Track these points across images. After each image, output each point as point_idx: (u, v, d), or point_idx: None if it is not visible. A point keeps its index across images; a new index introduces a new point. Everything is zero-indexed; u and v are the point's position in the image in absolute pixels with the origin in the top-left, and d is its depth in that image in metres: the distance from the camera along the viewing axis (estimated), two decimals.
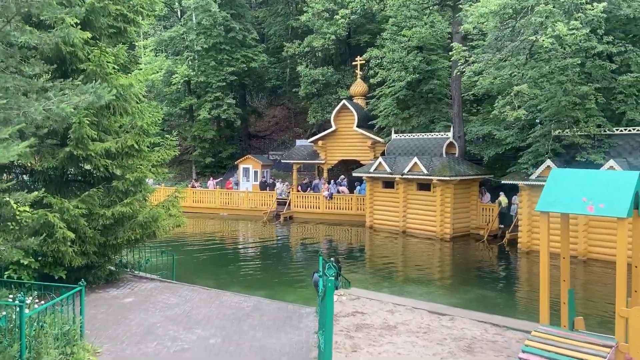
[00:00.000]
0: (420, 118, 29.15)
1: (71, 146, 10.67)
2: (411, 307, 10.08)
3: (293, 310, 10.14)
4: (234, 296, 11.24)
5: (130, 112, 12.42)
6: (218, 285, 16.18)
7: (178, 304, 10.56)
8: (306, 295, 15.25)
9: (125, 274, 12.86)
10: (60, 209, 10.38)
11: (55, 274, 11.00)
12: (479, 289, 16.37)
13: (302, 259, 20.89)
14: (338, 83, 35.64)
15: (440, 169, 24.13)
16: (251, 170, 35.88)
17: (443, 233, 24.30)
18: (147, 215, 11.50)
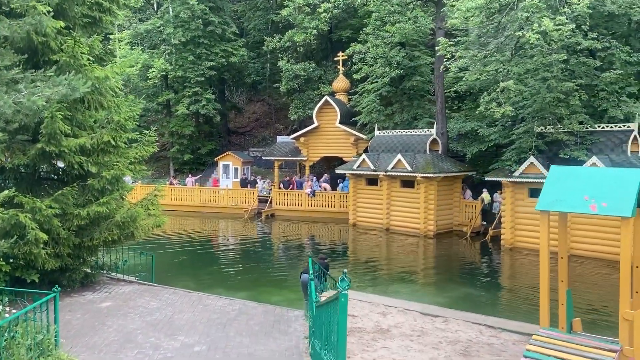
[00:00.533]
0: (403, 115, 28.90)
1: (43, 142, 10.05)
2: (403, 308, 9.75)
3: (280, 314, 9.72)
4: (219, 299, 10.76)
5: (106, 106, 11.82)
6: (200, 287, 15.67)
7: (159, 309, 10.05)
8: (290, 296, 14.84)
9: (102, 276, 12.26)
10: (32, 209, 9.77)
11: (27, 278, 10.38)
12: (464, 287, 16.16)
13: (285, 258, 20.47)
14: (320, 79, 35.20)
15: (424, 166, 23.91)
16: (231, 167, 35.25)
17: (427, 230, 24.11)
18: (125, 215, 10.94)
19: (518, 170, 20.45)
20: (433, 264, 19.54)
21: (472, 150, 24.80)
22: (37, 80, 7.47)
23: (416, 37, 28.26)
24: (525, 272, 18.14)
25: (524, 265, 18.98)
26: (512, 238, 21.30)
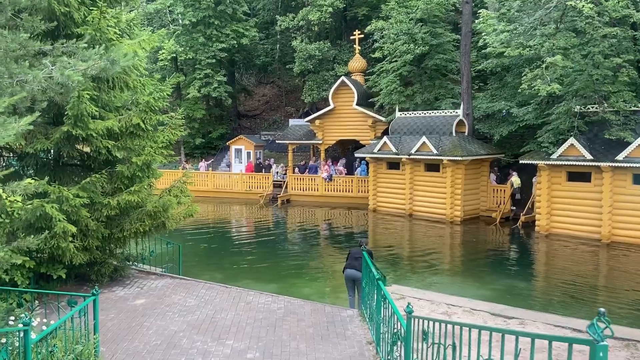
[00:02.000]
0: (425, 95, 27.81)
1: (69, 125, 9.08)
2: (469, 308, 8.85)
3: (332, 314, 8.82)
4: (260, 296, 9.86)
5: (132, 86, 10.81)
6: (227, 279, 14.83)
7: (198, 307, 9.17)
8: (323, 289, 14.02)
9: (130, 269, 11.37)
10: (58, 198, 8.84)
11: (53, 273, 9.50)
12: (506, 277, 15.27)
13: (308, 247, 19.58)
14: (335, 59, 34.02)
15: (451, 149, 22.91)
16: (244, 152, 34.28)
17: (453, 216, 23.19)
18: (157, 204, 10.01)
19: (556, 152, 19.43)
20: (466, 253, 18.63)
21: (500, 131, 23.72)
22: (69, 52, 6.49)
23: (438, 12, 27.04)
24: (568, 260, 17.23)
25: (565, 254, 18.06)
26: (547, 224, 20.36)
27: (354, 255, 10.11)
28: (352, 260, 10.11)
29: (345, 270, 10.14)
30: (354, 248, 10.34)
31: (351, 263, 10.10)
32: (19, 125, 4.95)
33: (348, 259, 10.19)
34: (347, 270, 10.11)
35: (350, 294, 10.34)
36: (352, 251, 10.19)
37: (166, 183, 13.31)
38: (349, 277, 10.15)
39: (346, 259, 10.33)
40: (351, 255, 10.17)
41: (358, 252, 10.35)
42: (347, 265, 10.16)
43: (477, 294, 13.41)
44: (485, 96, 26.67)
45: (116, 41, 9.66)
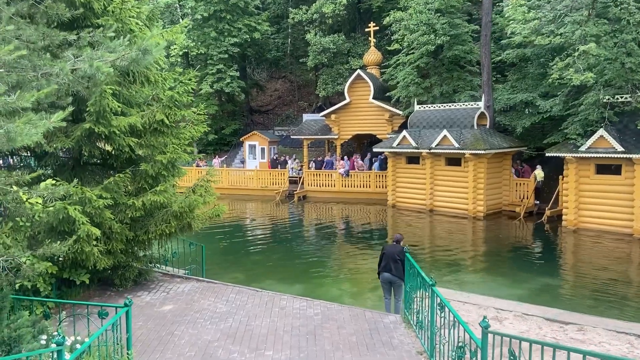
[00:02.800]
0: (443, 87, 27.14)
1: (91, 122, 8.59)
2: (520, 313, 8.27)
3: (373, 320, 8.28)
4: (294, 300, 9.34)
5: (152, 81, 10.32)
6: (250, 280, 14.37)
7: (230, 313, 8.66)
8: (351, 289, 13.50)
9: (154, 272, 10.89)
10: (81, 200, 8.36)
11: (76, 279, 9.04)
12: (539, 275, 14.65)
13: (328, 244, 19.04)
14: (349, 52, 33.37)
15: (473, 142, 22.27)
16: (258, 147, 33.80)
17: (476, 211, 22.57)
18: (183, 204, 9.51)
19: (585, 145, 18.75)
20: (492, 249, 18.01)
21: (523, 123, 23.02)
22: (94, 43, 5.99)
23: (455, 3, 26.33)
24: (601, 256, 16.59)
25: (597, 249, 17.41)
26: (575, 219, 19.70)
27: (390, 256, 9.54)
28: (388, 262, 9.54)
29: (381, 274, 9.59)
30: (389, 246, 9.77)
31: (387, 265, 9.54)
32: (50, 122, 4.45)
33: (383, 260, 9.61)
34: (384, 274, 9.56)
35: (387, 297, 9.80)
36: (387, 250, 9.61)
37: (184, 181, 12.86)
38: (386, 280, 9.62)
39: (380, 258, 9.73)
40: (387, 256, 9.59)
41: (394, 251, 9.79)
42: (382, 268, 9.60)
43: (511, 293, 12.84)
44: (504, 88, 26.00)
45: (138, 32, 9.14)
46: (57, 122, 4.56)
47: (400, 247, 9.90)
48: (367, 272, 15.01)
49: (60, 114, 4.65)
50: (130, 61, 5.52)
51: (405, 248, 8.43)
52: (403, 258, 9.68)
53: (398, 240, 9.91)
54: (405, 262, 8.28)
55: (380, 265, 9.66)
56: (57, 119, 4.55)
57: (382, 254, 9.65)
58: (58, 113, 4.62)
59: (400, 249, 9.85)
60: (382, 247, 9.83)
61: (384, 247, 9.78)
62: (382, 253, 9.64)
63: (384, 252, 9.59)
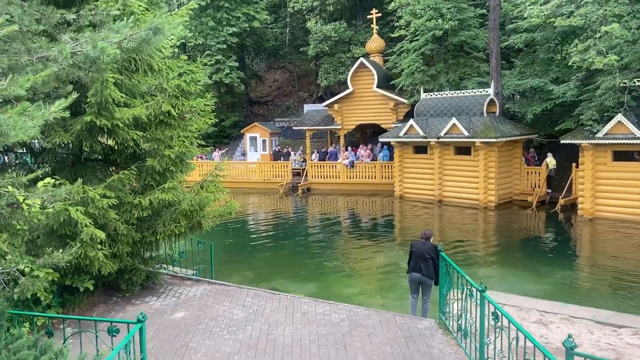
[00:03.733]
0: (449, 75, 26.40)
1: (92, 114, 7.84)
2: (567, 315, 7.61)
3: (406, 325, 7.60)
4: (316, 304, 8.65)
5: (156, 69, 9.56)
6: (259, 278, 13.75)
7: (248, 320, 7.98)
8: (365, 287, 12.86)
9: (162, 274, 10.19)
10: (83, 200, 7.64)
11: (79, 286, 8.34)
12: (560, 269, 14.03)
13: (336, 238, 18.35)
14: (351, 40, 32.54)
15: (483, 130, 21.56)
16: (259, 139, 33.01)
17: (487, 201, 21.93)
18: (193, 201, 8.79)
19: (602, 131, 18.07)
20: (508, 241, 17.38)
21: (534, 110, 22.29)
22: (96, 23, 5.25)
23: None
24: (623, 247, 15.99)
25: (617, 239, 16.81)
26: (592, 207, 19.06)
27: (419, 255, 8.87)
28: (418, 261, 8.88)
29: (411, 273, 8.91)
30: (418, 243, 9.07)
31: (417, 265, 8.88)
32: (50, 112, 3.72)
33: (412, 258, 8.93)
34: (413, 274, 8.89)
35: (414, 296, 9.13)
36: (416, 248, 8.93)
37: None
38: (415, 280, 8.95)
39: (409, 256, 9.05)
40: (416, 255, 8.92)
41: (424, 249, 9.11)
42: (412, 268, 8.92)
43: (536, 289, 12.22)
44: (512, 74, 25.28)
45: (141, 15, 8.38)
46: (58, 112, 3.83)
47: (431, 245, 9.23)
48: (380, 268, 14.39)
49: (62, 102, 3.91)
50: (140, 41, 4.79)
51: (440, 246, 7.71)
52: (434, 256, 9.00)
53: (427, 237, 9.23)
54: (441, 261, 7.58)
55: (409, 264, 8.99)
56: (58, 108, 3.82)
57: (410, 251, 8.97)
58: (60, 101, 3.89)
59: (431, 247, 9.18)
60: (411, 245, 9.14)
61: (412, 244, 9.09)
62: (410, 251, 8.97)
63: (412, 250, 8.92)
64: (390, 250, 16.14)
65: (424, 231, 9.42)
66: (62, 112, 3.87)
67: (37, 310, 7.86)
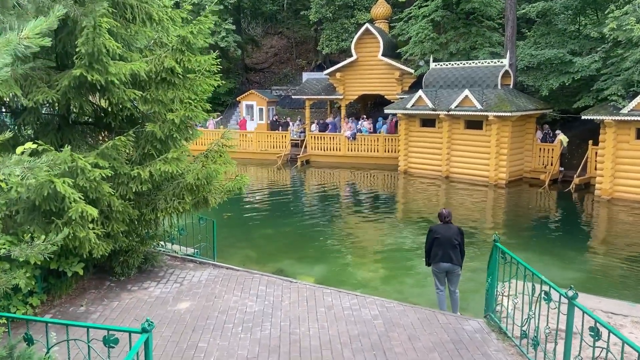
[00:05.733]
0: (460, 44, 25.03)
1: (82, 67, 6.52)
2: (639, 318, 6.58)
3: (451, 326, 6.52)
4: (340, 296, 7.52)
5: (156, 19, 8.18)
6: (264, 258, 12.66)
7: (265, 314, 6.86)
8: (378, 271, 11.81)
9: (161, 255, 9.01)
10: (71, 170, 6.39)
11: (67, 270, 7.15)
12: (592, 255, 13.09)
13: (341, 215, 17.25)
14: (355, 4, 30.88)
15: (497, 103, 20.38)
16: (255, 108, 31.56)
17: (497, 178, 20.90)
18: (199, 175, 7.56)
19: (627, 107, 16.96)
20: (524, 222, 16.39)
21: (550, 83, 21.09)
22: None
23: None
24: None
25: None
26: (611, 188, 18.10)
27: (447, 241, 7.76)
28: (446, 249, 7.79)
29: (439, 263, 7.82)
30: (440, 228, 7.94)
31: (446, 253, 7.79)
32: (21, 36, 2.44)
33: (437, 247, 7.78)
34: (442, 264, 7.80)
35: (442, 289, 8.07)
36: (441, 235, 7.79)
37: None
38: (443, 270, 7.88)
39: (430, 243, 7.90)
40: (442, 242, 7.80)
41: (451, 235, 7.99)
42: (440, 258, 7.82)
43: (566, 277, 11.21)
44: (526, 44, 23.98)
45: None
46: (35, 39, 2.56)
47: (456, 228, 8.17)
48: (390, 249, 13.34)
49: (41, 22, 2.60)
50: None
51: (495, 236, 6.56)
52: (461, 241, 7.99)
53: (448, 217, 8.11)
54: (495, 252, 6.47)
55: (430, 253, 7.89)
56: (34, 30, 2.52)
57: (433, 238, 7.83)
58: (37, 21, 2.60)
59: (456, 230, 8.12)
60: (431, 230, 8.00)
61: (433, 229, 7.95)
62: (433, 237, 7.83)
63: (437, 237, 7.79)
64: (399, 229, 15.09)
65: (443, 212, 8.23)
66: (40, 40, 2.60)
67: (16, 299, 6.68)
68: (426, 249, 8.02)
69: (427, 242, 8.00)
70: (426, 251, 8.04)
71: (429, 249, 8.02)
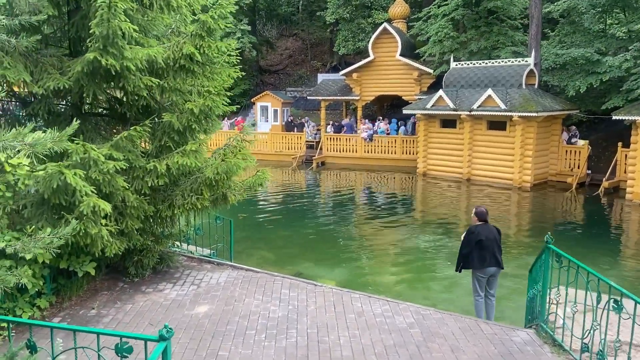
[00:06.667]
0: (481, 42, 24.37)
1: (96, 50, 6.03)
2: None
3: (497, 336, 5.90)
4: (370, 301, 6.94)
5: (175, 6, 7.70)
6: (282, 260, 12.15)
7: (290, 320, 6.30)
8: (403, 276, 11.21)
9: (177, 255, 8.49)
10: (83, 162, 5.90)
11: (77, 270, 6.66)
12: (627, 260, 12.39)
13: (359, 217, 16.68)
14: (372, 4, 30.37)
15: (522, 103, 19.69)
16: (270, 109, 31.09)
17: (522, 181, 20.20)
18: (219, 169, 7.04)
19: None
20: (553, 226, 15.65)
21: (578, 84, 20.33)
22: None
23: None
24: None
25: None
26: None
27: (492, 243, 7.22)
28: (493, 252, 7.23)
29: (486, 268, 7.22)
30: (481, 228, 7.33)
31: (493, 256, 7.23)
32: None
33: (482, 249, 7.20)
34: (490, 268, 7.22)
35: (482, 295, 7.48)
36: (484, 236, 7.22)
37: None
38: (490, 274, 7.30)
39: (470, 246, 7.28)
40: (487, 243, 7.23)
41: (494, 237, 7.46)
42: (489, 260, 7.23)
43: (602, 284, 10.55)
44: (550, 43, 23.27)
45: None
46: None
47: (494, 227, 7.63)
48: (411, 252, 12.73)
49: None
50: None
51: (548, 237, 5.95)
52: (499, 241, 7.46)
53: (485, 216, 7.53)
54: (547, 255, 5.85)
55: (469, 256, 7.26)
56: None
57: (476, 240, 7.22)
58: None
59: (495, 230, 7.60)
60: (471, 232, 7.34)
61: (474, 231, 7.32)
62: (476, 240, 7.21)
63: (480, 239, 7.18)
64: (420, 233, 14.45)
65: (482, 209, 7.60)
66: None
67: (22, 300, 6.20)
68: (464, 252, 7.37)
69: (467, 245, 7.34)
70: (464, 255, 7.39)
71: (468, 253, 7.38)
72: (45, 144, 2.93)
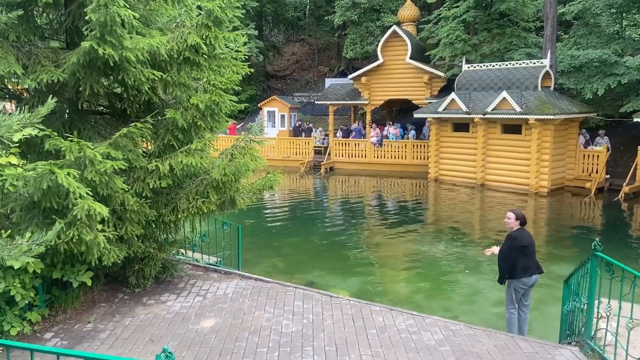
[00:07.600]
0: (494, 45, 23.80)
1: (92, 39, 5.50)
2: None
3: (537, 355, 5.28)
4: (393, 314, 6.32)
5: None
6: (292, 268, 11.59)
7: (305, 336, 5.70)
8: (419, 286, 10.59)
9: (182, 263, 7.91)
10: (78, 161, 5.35)
11: (72, 280, 6.09)
12: None
13: (370, 224, 16.06)
14: (381, 8, 29.89)
15: (539, 106, 19.06)
16: (277, 114, 30.60)
17: (538, 186, 19.54)
18: (227, 170, 6.47)
19: None
20: (575, 234, 14.94)
21: (596, 86, 19.68)
22: None
23: None
24: None
25: None
26: None
27: (534, 249, 6.64)
28: (535, 259, 6.64)
29: (532, 276, 6.58)
30: (522, 234, 6.68)
31: (536, 263, 6.64)
32: None
33: (523, 254, 6.52)
34: (533, 277, 6.60)
35: (516, 306, 6.83)
36: (528, 242, 6.61)
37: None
38: (531, 284, 6.68)
39: (512, 254, 6.58)
40: (531, 250, 6.63)
41: (532, 240, 6.85)
42: (535, 268, 6.61)
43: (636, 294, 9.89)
44: (565, 45, 22.66)
45: None
46: None
47: (529, 232, 7.02)
48: (427, 261, 12.08)
49: None
50: None
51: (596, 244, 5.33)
52: None
53: (525, 220, 6.91)
54: (594, 263, 5.23)
55: (518, 263, 6.57)
56: None
57: (520, 246, 6.55)
58: None
59: (531, 235, 6.99)
60: (514, 238, 6.62)
61: (517, 236, 6.63)
62: (521, 246, 6.55)
63: (524, 245, 6.54)
64: (434, 240, 13.81)
65: (519, 212, 6.94)
66: None
67: (11, 313, 5.62)
68: (510, 262, 6.59)
69: (511, 253, 6.59)
70: (510, 264, 6.62)
71: (514, 261, 6.71)
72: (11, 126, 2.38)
